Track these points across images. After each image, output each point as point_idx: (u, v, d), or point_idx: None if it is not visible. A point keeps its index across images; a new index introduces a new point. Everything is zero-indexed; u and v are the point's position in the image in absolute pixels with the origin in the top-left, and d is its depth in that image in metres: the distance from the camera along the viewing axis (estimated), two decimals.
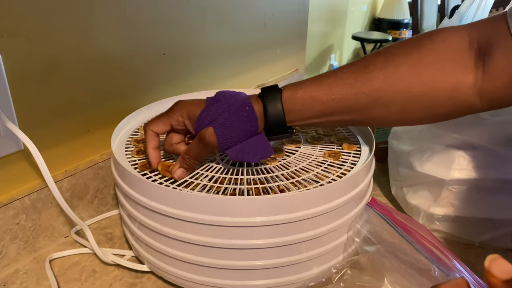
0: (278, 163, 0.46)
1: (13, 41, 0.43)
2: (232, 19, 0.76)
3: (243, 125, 0.42)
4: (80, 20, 0.49)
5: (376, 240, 0.42)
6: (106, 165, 0.56)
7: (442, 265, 0.40)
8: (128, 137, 0.51)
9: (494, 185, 0.50)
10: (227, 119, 0.42)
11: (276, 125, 0.42)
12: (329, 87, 0.41)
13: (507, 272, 0.21)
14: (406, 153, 0.56)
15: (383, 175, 0.65)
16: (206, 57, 0.72)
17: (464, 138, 0.50)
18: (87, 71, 0.52)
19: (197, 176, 0.43)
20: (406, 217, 0.46)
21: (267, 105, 0.42)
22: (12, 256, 0.48)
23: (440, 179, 0.51)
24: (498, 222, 0.51)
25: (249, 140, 0.43)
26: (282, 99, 0.42)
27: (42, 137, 0.48)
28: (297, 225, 0.39)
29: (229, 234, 0.38)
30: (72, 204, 0.53)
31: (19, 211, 0.47)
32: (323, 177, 0.43)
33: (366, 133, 0.52)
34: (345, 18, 2.92)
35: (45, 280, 0.46)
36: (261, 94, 0.43)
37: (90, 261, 0.49)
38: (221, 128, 0.41)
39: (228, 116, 0.42)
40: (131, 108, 0.55)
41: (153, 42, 0.60)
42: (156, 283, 0.46)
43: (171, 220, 0.39)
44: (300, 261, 0.41)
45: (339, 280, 0.40)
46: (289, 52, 0.96)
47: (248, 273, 0.41)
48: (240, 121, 0.42)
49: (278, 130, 0.43)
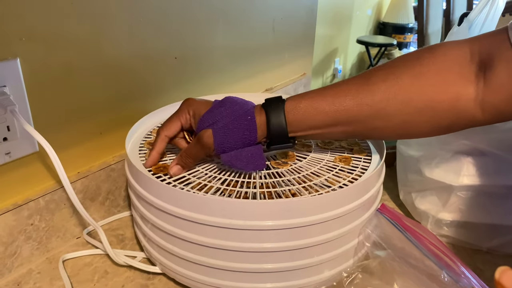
0: (290, 167, 0.46)
1: (30, 45, 0.44)
2: (242, 24, 0.76)
3: (241, 132, 0.43)
4: (95, 25, 0.50)
5: (386, 245, 0.42)
6: (118, 167, 0.57)
7: (451, 271, 0.40)
8: (142, 139, 0.52)
9: (503, 191, 0.50)
10: (227, 124, 0.43)
11: (278, 135, 0.43)
12: (332, 98, 0.42)
13: None
14: (414, 158, 0.56)
15: (391, 180, 0.65)
16: (216, 61, 0.73)
17: (473, 144, 0.51)
18: (100, 75, 0.53)
19: (210, 179, 0.44)
20: (415, 223, 0.46)
21: (270, 115, 0.43)
22: (25, 256, 0.48)
23: (448, 185, 0.52)
24: (507, 228, 0.51)
25: (245, 148, 0.43)
26: (285, 109, 0.43)
27: (56, 139, 0.48)
28: (309, 229, 0.39)
29: (241, 237, 0.39)
30: (84, 205, 0.53)
31: (33, 212, 0.48)
32: (334, 182, 0.44)
33: None
34: (350, 22, 2.93)
35: (58, 280, 0.46)
36: (265, 104, 0.44)
37: (102, 262, 0.49)
38: (219, 132, 0.43)
39: (228, 121, 0.43)
40: (143, 111, 0.56)
41: (165, 47, 0.61)
42: (168, 285, 0.46)
43: (184, 222, 0.40)
44: (311, 265, 0.41)
45: (349, 284, 0.41)
46: (297, 57, 0.97)
47: (259, 276, 0.41)
48: (239, 128, 0.43)
49: (280, 140, 0.44)
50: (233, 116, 0.43)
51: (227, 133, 0.43)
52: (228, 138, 0.43)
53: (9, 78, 0.43)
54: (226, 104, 0.44)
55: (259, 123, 0.43)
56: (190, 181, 0.44)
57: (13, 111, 0.43)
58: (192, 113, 0.45)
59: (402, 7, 3.12)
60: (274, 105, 0.43)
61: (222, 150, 0.43)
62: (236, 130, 0.43)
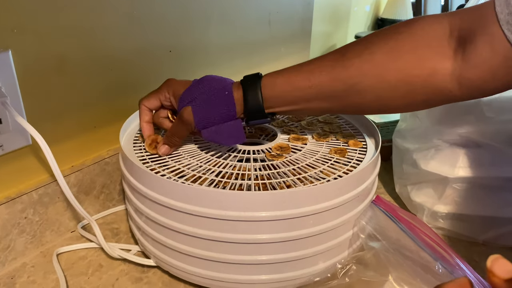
0: (285, 159, 0.46)
1: (22, 37, 0.44)
2: (237, 17, 0.76)
3: (220, 108, 0.44)
4: (88, 17, 0.50)
5: (381, 237, 0.42)
6: (112, 161, 0.56)
7: (445, 263, 0.40)
8: (136, 132, 0.52)
9: (498, 183, 0.50)
10: (205, 100, 0.44)
11: (255, 110, 0.44)
12: (307, 74, 0.42)
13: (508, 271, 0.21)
14: (410, 151, 0.56)
15: (387, 173, 0.65)
16: (211, 55, 0.73)
17: (468, 136, 0.51)
18: (94, 68, 0.52)
19: (205, 172, 0.44)
20: (410, 215, 0.46)
21: (247, 90, 0.43)
22: (19, 250, 0.48)
23: (444, 177, 0.52)
24: (502, 220, 0.51)
25: (225, 123, 0.44)
26: (261, 85, 0.43)
27: (50, 132, 0.48)
28: (303, 220, 0.39)
29: (236, 228, 0.39)
30: (79, 199, 0.53)
31: (27, 205, 0.47)
32: (329, 174, 0.44)
33: (372, 130, 0.53)
34: (348, 18, 2.91)
35: (52, 274, 0.46)
36: (243, 80, 0.45)
37: (97, 256, 0.49)
38: (198, 108, 0.44)
39: (207, 97, 0.44)
40: (137, 105, 0.56)
41: (159, 40, 0.61)
42: (162, 278, 0.46)
43: (178, 214, 0.40)
44: (305, 256, 0.41)
45: (344, 275, 0.40)
46: (293, 51, 0.96)
47: (254, 267, 0.41)
48: (217, 104, 0.44)
49: (257, 115, 0.44)
50: (211, 92, 0.44)
51: (206, 109, 0.44)
52: (207, 114, 0.44)
53: (1, 70, 0.42)
54: (205, 81, 0.45)
55: (236, 98, 0.44)
56: (184, 173, 0.43)
57: (4, 103, 0.42)
58: (172, 92, 0.46)
59: (400, 3, 3.11)
60: (251, 81, 0.44)
61: (203, 126, 0.44)
62: (215, 105, 0.44)
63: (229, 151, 0.48)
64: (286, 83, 0.43)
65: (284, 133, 0.53)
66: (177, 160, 0.46)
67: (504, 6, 0.34)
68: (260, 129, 0.56)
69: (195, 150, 0.48)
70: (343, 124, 0.56)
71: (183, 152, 0.48)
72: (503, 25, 0.34)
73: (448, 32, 0.39)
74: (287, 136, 0.52)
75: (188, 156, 0.47)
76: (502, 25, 0.34)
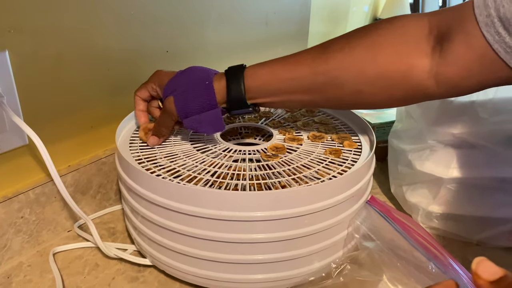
0: (280, 159, 0.47)
1: (19, 37, 0.44)
2: (234, 17, 0.76)
3: (200, 97, 0.45)
4: (85, 17, 0.50)
5: (375, 237, 0.43)
6: (109, 160, 0.57)
7: (438, 263, 0.41)
8: (132, 132, 0.52)
9: (492, 184, 0.51)
10: (186, 90, 0.45)
11: (236, 100, 0.45)
12: (291, 66, 0.43)
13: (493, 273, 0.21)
14: (405, 151, 0.57)
15: (383, 174, 0.66)
16: (208, 55, 0.73)
17: (463, 137, 0.51)
18: (91, 68, 0.53)
19: (200, 172, 0.44)
20: (404, 216, 0.46)
21: (229, 80, 0.44)
22: (16, 249, 0.48)
23: (438, 177, 0.52)
24: (496, 221, 0.51)
25: (206, 112, 0.45)
26: (244, 75, 0.44)
27: (46, 132, 0.48)
28: (298, 220, 0.40)
29: (231, 228, 0.39)
30: (75, 199, 0.53)
31: (24, 204, 0.48)
32: (324, 174, 0.44)
33: (367, 131, 0.53)
34: (346, 18, 2.92)
35: (49, 273, 0.46)
36: (226, 70, 0.45)
37: (93, 255, 0.49)
38: (180, 98, 0.45)
39: (187, 87, 0.45)
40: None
41: (156, 40, 0.61)
42: (158, 277, 0.46)
43: (174, 214, 0.40)
44: (300, 255, 0.41)
45: (338, 274, 0.41)
46: (291, 51, 0.96)
47: (249, 267, 0.41)
48: (198, 93, 0.45)
49: (239, 105, 0.45)
50: (191, 82, 0.45)
51: (187, 98, 0.45)
52: (188, 103, 0.45)
53: None
54: (188, 72, 0.46)
55: (218, 88, 0.45)
56: (180, 173, 0.44)
57: (1, 103, 0.42)
58: (158, 83, 0.48)
59: (398, 4, 3.12)
60: (234, 71, 0.45)
61: (185, 115, 0.46)
62: (195, 95, 0.45)
63: (224, 150, 0.48)
64: (268, 74, 0.44)
65: (280, 133, 0.53)
66: (173, 160, 0.46)
67: (483, 8, 0.35)
68: (256, 130, 0.57)
69: (191, 150, 0.48)
70: (338, 125, 0.56)
71: (178, 152, 0.48)
72: (482, 27, 0.35)
73: (427, 30, 0.39)
74: (283, 136, 0.52)
75: (184, 156, 0.47)
76: (481, 27, 0.35)
